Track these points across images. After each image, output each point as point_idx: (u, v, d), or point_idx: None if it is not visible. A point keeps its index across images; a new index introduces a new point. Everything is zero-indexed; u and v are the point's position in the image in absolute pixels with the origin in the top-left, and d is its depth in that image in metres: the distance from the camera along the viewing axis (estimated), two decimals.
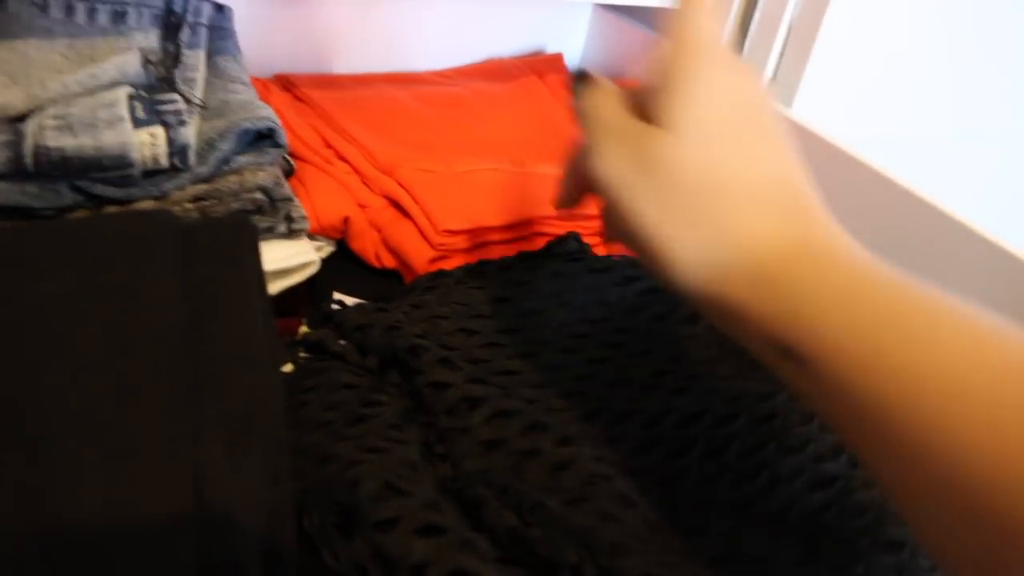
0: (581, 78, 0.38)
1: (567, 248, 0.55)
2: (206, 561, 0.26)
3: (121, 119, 0.44)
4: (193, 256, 0.37)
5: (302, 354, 0.44)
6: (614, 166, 0.33)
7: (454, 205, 0.55)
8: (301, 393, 0.40)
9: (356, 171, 0.58)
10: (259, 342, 0.35)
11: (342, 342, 0.44)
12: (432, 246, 0.53)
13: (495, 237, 0.56)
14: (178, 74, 0.52)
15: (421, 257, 0.53)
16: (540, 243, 0.55)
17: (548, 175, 0.61)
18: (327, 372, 0.42)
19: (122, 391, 0.30)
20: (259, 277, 0.39)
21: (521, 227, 0.57)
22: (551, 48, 0.85)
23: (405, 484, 0.33)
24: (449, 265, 0.54)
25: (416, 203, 0.54)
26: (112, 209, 0.45)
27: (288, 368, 0.43)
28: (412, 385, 0.41)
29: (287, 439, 0.34)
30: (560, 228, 0.57)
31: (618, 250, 0.51)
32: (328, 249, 0.55)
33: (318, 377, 0.42)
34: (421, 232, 0.53)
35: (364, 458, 0.34)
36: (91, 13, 0.53)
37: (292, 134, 0.59)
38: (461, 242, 0.54)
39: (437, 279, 0.50)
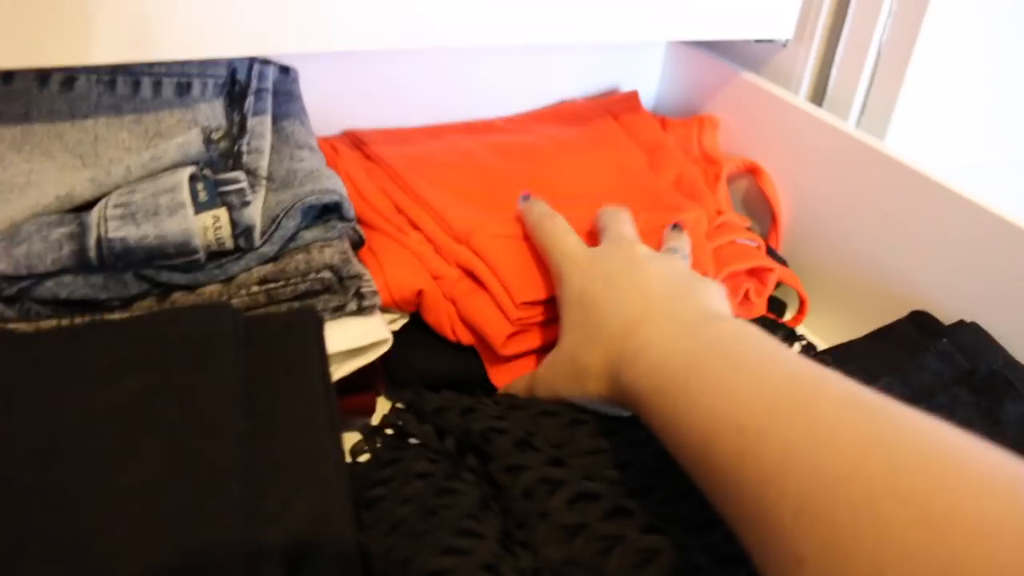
0: None
1: None
2: None
3: (182, 205, 0.42)
4: (256, 359, 0.36)
5: (379, 444, 0.42)
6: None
7: (532, 273, 0.52)
8: (373, 487, 0.38)
9: (429, 240, 0.55)
10: (323, 455, 0.33)
11: (422, 426, 0.42)
12: (510, 321, 0.50)
13: None
14: (244, 144, 0.51)
15: (499, 334, 0.50)
16: None
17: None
18: (401, 463, 0.40)
19: (176, 516, 0.28)
20: (325, 378, 0.37)
21: None
22: (625, 86, 0.82)
23: None
24: (527, 341, 0.51)
25: (493, 273, 0.52)
26: (179, 295, 0.44)
27: (364, 459, 0.41)
28: (488, 471, 0.39)
29: (354, 555, 0.31)
30: None
31: None
32: (401, 322, 0.53)
33: (392, 468, 0.40)
34: (499, 306, 0.51)
35: (440, 565, 0.32)
36: (156, 87, 0.52)
37: (363, 200, 0.57)
38: (539, 315, 0.51)
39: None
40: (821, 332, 0.68)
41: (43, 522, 0.29)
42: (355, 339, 0.46)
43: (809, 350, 0.56)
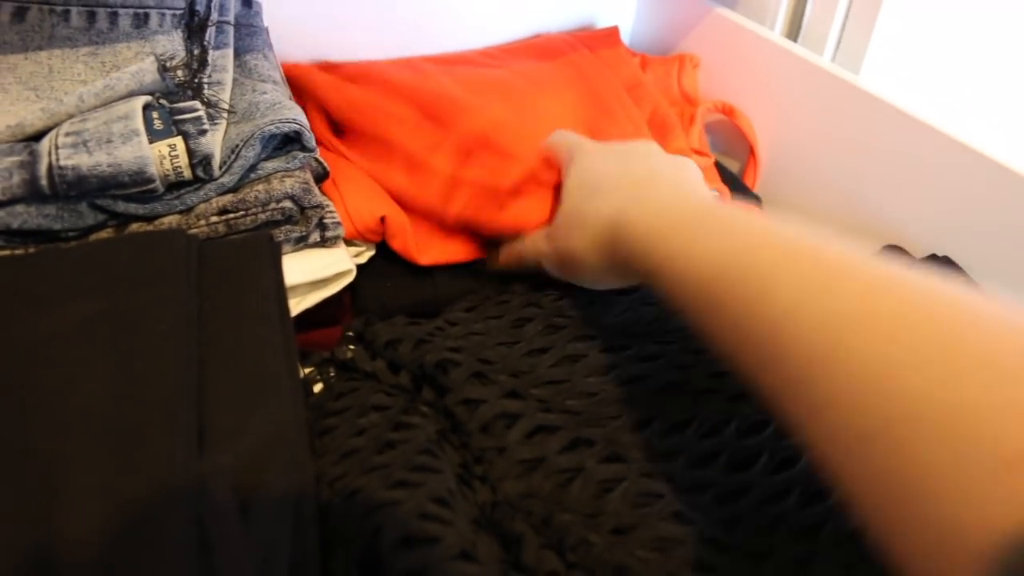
0: None
1: None
2: None
3: (136, 132, 0.41)
4: (209, 281, 0.35)
5: (332, 374, 0.41)
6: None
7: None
8: (327, 417, 0.38)
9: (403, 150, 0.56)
10: (277, 375, 0.32)
11: (374, 361, 0.41)
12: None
13: None
14: (205, 77, 0.50)
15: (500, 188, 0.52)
16: None
17: None
18: (357, 393, 0.39)
19: (124, 439, 0.28)
20: (280, 300, 0.36)
21: None
22: (600, 21, 0.80)
23: (431, 529, 0.30)
24: (526, 208, 0.52)
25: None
26: (136, 226, 0.43)
27: (318, 388, 0.40)
28: (444, 403, 0.38)
29: (309, 478, 0.31)
30: None
31: None
32: (368, 254, 0.52)
33: (347, 399, 0.39)
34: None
35: (389, 497, 0.31)
36: (112, 18, 0.51)
37: (335, 105, 0.57)
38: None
39: (475, 299, 0.47)
40: None
41: None
42: (318, 270, 0.45)
43: None
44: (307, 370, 0.42)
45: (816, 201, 0.67)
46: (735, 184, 0.67)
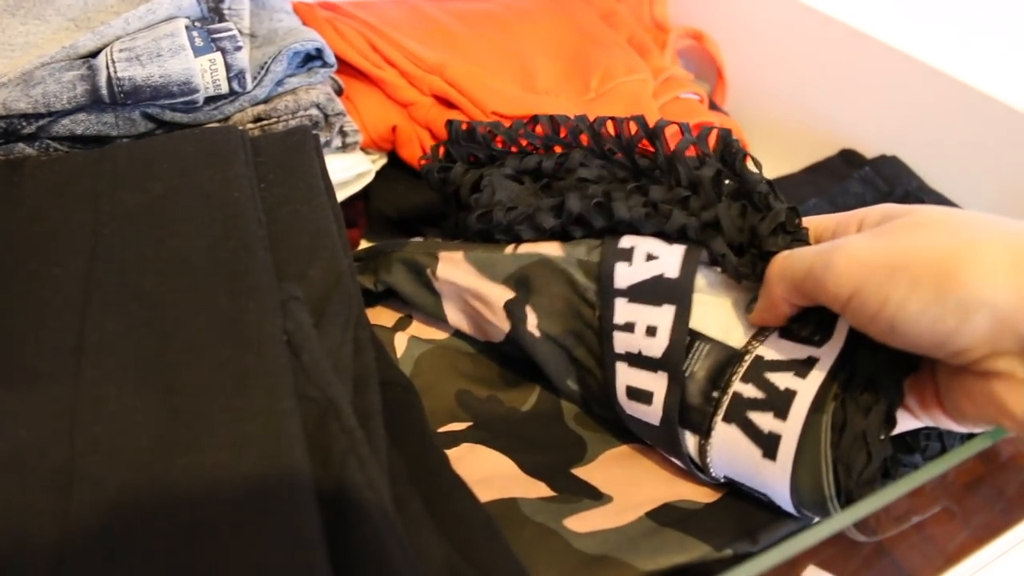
0: None
1: None
2: (309, 412, 0.30)
3: (183, 47, 0.47)
4: (262, 164, 0.41)
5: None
6: None
7: (502, 93, 0.57)
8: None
9: (403, 74, 0.60)
10: (330, 232, 0.39)
11: None
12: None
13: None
14: (225, 7, 0.56)
15: None
16: None
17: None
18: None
19: (216, 277, 0.34)
20: (325, 177, 0.43)
21: None
22: None
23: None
24: None
25: (463, 95, 0.57)
26: None
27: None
28: None
29: (362, 312, 0.37)
30: None
31: None
32: (381, 162, 0.58)
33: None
34: (471, 119, 0.56)
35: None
36: None
37: (342, 39, 0.62)
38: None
39: None
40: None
41: (103, 288, 0.34)
42: (341, 171, 0.52)
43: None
44: None
45: (778, 114, 0.73)
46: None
